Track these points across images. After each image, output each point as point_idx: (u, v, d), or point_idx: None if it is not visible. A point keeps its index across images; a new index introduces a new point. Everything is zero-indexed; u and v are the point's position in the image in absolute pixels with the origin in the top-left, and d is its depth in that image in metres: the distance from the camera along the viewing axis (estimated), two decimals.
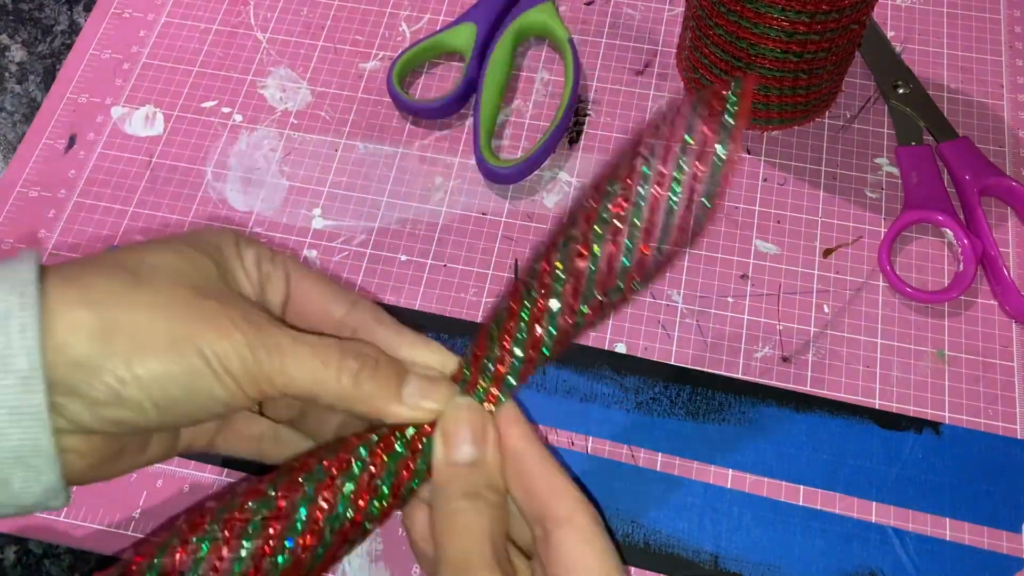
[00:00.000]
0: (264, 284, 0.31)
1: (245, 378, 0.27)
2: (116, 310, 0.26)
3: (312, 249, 0.47)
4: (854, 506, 0.40)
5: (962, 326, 0.44)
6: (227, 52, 0.54)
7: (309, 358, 0.28)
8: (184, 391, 0.27)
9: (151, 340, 0.26)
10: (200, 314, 0.27)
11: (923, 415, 0.42)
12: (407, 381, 0.30)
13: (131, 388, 0.26)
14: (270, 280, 0.31)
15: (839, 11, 0.42)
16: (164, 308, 0.27)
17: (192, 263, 0.29)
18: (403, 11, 0.55)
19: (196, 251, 0.29)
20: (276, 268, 0.31)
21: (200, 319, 0.27)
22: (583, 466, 0.41)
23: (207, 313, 0.27)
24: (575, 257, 0.29)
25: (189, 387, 0.27)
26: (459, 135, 0.51)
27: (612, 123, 0.51)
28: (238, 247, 0.31)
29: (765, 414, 0.42)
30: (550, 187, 0.49)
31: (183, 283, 0.28)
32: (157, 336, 0.26)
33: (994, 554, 0.39)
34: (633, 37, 0.54)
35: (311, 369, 0.28)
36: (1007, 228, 0.47)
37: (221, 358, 0.27)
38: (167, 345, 0.26)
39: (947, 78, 0.51)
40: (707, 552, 0.40)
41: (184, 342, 0.27)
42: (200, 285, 0.28)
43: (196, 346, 0.27)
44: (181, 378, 0.27)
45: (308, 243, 0.47)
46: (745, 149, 0.50)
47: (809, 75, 0.46)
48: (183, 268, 0.28)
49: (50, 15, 0.57)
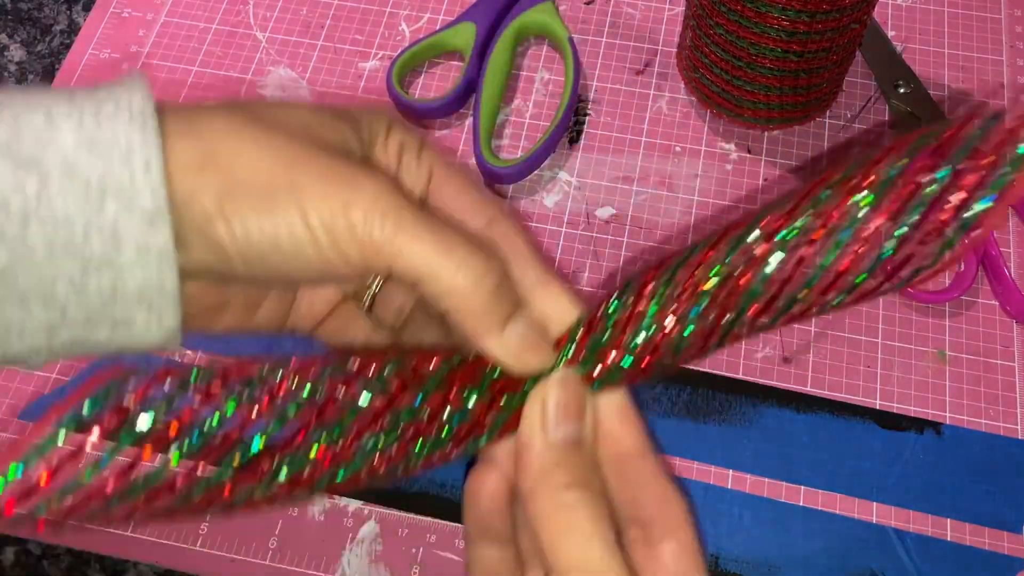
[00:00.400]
0: (402, 174, 0.28)
1: (350, 243, 0.25)
2: (218, 142, 0.24)
3: None
4: (855, 506, 0.40)
5: (963, 326, 0.44)
6: (226, 52, 0.54)
7: (430, 240, 0.25)
8: (272, 245, 0.24)
9: (247, 181, 0.24)
10: (312, 167, 0.25)
11: (924, 415, 0.42)
12: (516, 319, 0.27)
13: (218, 229, 0.24)
14: (408, 172, 0.29)
15: (839, 10, 0.42)
16: (272, 151, 0.25)
17: (326, 124, 0.27)
18: (403, 10, 0.55)
19: (337, 117, 0.27)
20: (421, 164, 0.29)
21: (310, 172, 0.25)
22: None
23: (321, 168, 0.25)
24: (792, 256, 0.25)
25: (277, 241, 0.24)
26: (459, 135, 0.51)
27: (612, 123, 0.51)
28: (388, 129, 0.28)
29: (766, 414, 0.42)
30: (550, 187, 0.49)
31: (306, 136, 0.26)
32: (256, 179, 0.24)
33: (995, 554, 0.39)
34: (633, 36, 0.54)
35: (428, 252, 0.25)
36: (1008, 228, 0.47)
37: (323, 217, 0.24)
38: (263, 191, 0.24)
39: (948, 78, 0.51)
40: (707, 553, 0.39)
41: (283, 191, 0.24)
42: (327, 142, 0.26)
43: (296, 198, 0.24)
44: (269, 229, 0.24)
45: None
46: (747, 149, 0.49)
47: (810, 74, 0.46)
48: (312, 124, 0.26)
49: (49, 15, 0.57)
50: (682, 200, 0.48)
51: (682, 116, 0.51)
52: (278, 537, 0.40)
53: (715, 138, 0.50)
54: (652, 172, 0.49)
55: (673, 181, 0.49)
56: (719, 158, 0.49)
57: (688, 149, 0.50)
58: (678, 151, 0.50)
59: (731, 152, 0.50)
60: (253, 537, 0.40)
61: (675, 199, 0.48)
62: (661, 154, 0.50)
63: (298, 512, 0.41)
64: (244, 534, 0.40)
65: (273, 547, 0.40)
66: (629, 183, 0.49)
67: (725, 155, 0.49)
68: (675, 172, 0.49)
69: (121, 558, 0.40)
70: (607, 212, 0.48)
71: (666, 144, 0.50)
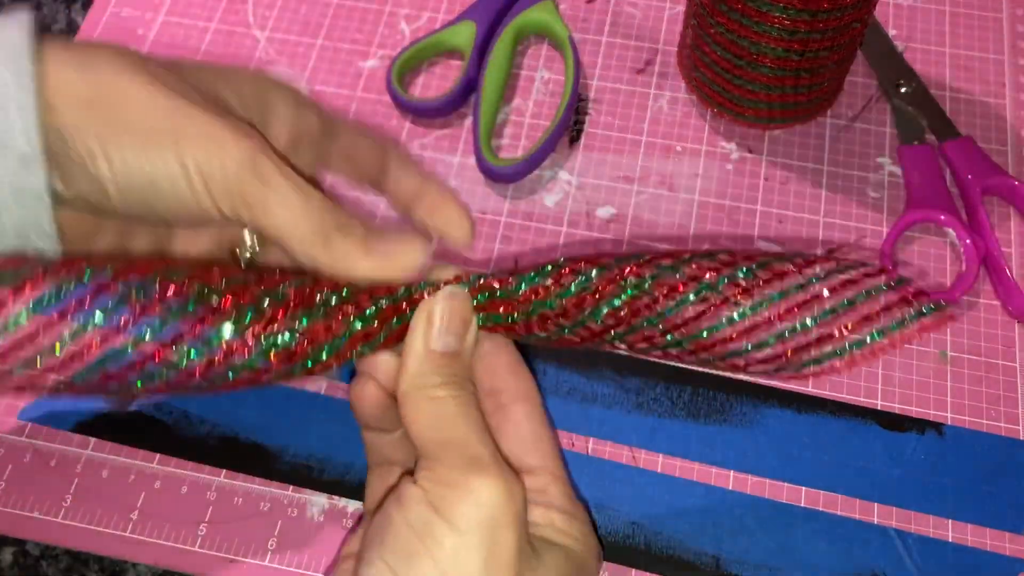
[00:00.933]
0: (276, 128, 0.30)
1: (222, 194, 0.27)
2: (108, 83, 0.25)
3: None
4: (856, 507, 0.40)
5: (964, 326, 0.44)
6: (226, 51, 0.54)
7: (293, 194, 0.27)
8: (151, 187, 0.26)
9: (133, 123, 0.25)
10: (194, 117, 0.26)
11: (925, 416, 0.42)
12: (381, 237, 0.29)
13: (100, 165, 0.25)
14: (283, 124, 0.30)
15: (840, 9, 0.42)
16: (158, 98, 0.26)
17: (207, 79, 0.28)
18: (402, 9, 0.55)
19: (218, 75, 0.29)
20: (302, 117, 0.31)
21: (192, 121, 0.26)
22: (583, 467, 0.41)
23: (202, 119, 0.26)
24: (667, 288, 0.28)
25: (156, 184, 0.26)
26: (459, 134, 0.50)
27: (612, 122, 0.50)
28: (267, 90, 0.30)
29: (767, 415, 0.42)
30: (550, 186, 0.49)
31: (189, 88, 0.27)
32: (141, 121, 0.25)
33: (997, 555, 0.39)
34: (634, 35, 0.53)
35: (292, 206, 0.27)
36: (1009, 228, 0.47)
37: (200, 163, 0.26)
38: (147, 133, 0.26)
39: (949, 77, 0.51)
40: (708, 554, 0.39)
41: (165, 136, 0.26)
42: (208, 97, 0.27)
43: (176, 144, 0.26)
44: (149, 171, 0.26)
45: None
46: (747, 148, 0.49)
47: (811, 74, 0.46)
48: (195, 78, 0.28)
49: (48, 14, 0.57)
50: (683, 200, 0.48)
51: (683, 115, 0.51)
52: (278, 537, 0.40)
53: (716, 138, 0.50)
54: (652, 172, 0.49)
55: (674, 181, 0.49)
56: (720, 158, 0.49)
57: (689, 149, 0.49)
58: (679, 151, 0.50)
59: (732, 152, 0.49)
60: (253, 537, 0.40)
61: (675, 199, 0.48)
62: (661, 154, 0.49)
63: (298, 512, 0.41)
64: (244, 534, 0.40)
65: (273, 547, 0.40)
66: (629, 183, 0.49)
67: (726, 155, 0.49)
68: (676, 172, 0.49)
69: (120, 559, 0.40)
70: (607, 212, 0.48)
71: (667, 144, 0.50)
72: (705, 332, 0.28)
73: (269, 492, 0.41)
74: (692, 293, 0.28)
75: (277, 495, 0.41)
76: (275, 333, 0.27)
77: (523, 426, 0.32)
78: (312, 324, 0.28)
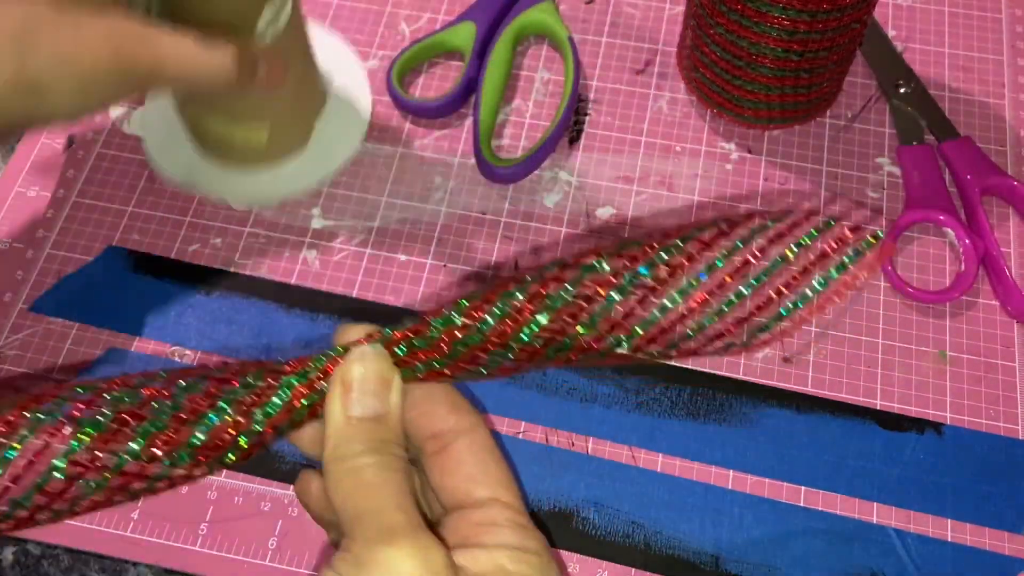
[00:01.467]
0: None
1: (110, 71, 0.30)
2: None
3: (311, 249, 0.47)
4: (855, 507, 0.40)
5: (964, 326, 0.44)
6: None
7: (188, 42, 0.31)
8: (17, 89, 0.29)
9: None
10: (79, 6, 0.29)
11: (925, 416, 0.42)
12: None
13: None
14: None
15: (840, 10, 0.42)
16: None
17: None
18: (402, 10, 0.55)
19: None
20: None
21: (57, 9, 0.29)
22: (583, 467, 0.41)
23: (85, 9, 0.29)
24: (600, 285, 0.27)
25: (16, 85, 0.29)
26: (459, 134, 0.50)
27: (612, 122, 0.51)
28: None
29: (766, 415, 0.42)
30: (550, 187, 0.49)
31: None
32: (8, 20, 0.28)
33: (996, 555, 0.39)
34: (633, 36, 0.54)
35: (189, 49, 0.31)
36: (1008, 228, 0.47)
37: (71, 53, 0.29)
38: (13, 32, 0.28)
39: (949, 77, 0.51)
40: (708, 553, 0.39)
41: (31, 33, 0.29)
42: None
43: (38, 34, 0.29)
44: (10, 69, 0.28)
45: (307, 242, 0.47)
46: (747, 149, 0.49)
47: (810, 74, 0.46)
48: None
49: None
50: (682, 200, 0.48)
51: (682, 116, 0.51)
52: (278, 537, 0.40)
53: (715, 138, 0.50)
54: (652, 172, 0.49)
55: (673, 181, 0.49)
56: (719, 158, 0.49)
57: (688, 149, 0.50)
58: (678, 151, 0.50)
59: (731, 152, 0.49)
60: (253, 537, 0.40)
61: (675, 199, 0.48)
62: (661, 154, 0.49)
63: (298, 512, 0.41)
64: (244, 534, 0.40)
65: (273, 547, 0.40)
66: (629, 183, 0.49)
67: (725, 155, 0.49)
68: (675, 172, 0.49)
69: (120, 558, 0.40)
70: (607, 212, 0.48)
71: (666, 144, 0.50)
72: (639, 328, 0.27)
73: (269, 492, 0.41)
74: (615, 291, 0.27)
75: (277, 495, 0.41)
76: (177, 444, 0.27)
77: (467, 460, 0.30)
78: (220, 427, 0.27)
